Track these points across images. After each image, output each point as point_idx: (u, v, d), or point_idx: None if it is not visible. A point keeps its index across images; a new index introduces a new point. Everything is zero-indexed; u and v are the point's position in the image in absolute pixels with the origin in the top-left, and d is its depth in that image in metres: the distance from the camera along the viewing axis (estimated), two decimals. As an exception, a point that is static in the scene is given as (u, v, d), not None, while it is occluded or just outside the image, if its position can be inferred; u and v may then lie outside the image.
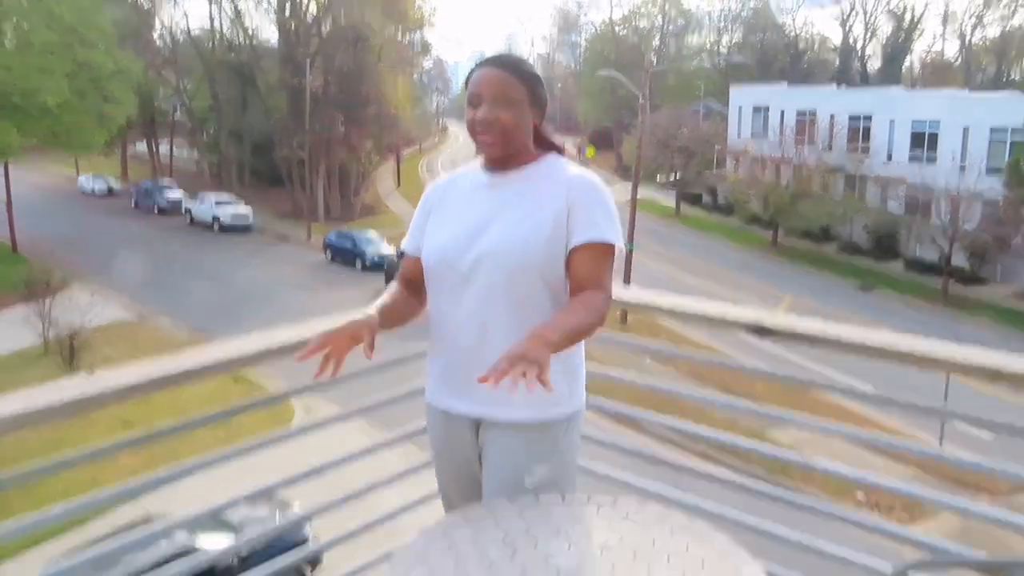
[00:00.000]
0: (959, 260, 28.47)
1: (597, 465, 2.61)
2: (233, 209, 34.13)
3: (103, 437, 1.84)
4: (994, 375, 1.81)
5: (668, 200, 41.60)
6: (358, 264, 27.45)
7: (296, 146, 36.48)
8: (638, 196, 25.09)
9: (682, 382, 17.06)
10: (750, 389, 15.81)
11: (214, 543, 9.10)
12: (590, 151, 50.49)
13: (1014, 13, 56.03)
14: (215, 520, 10.39)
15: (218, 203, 34.29)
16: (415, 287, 1.93)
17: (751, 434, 15.90)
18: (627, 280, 21.73)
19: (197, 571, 2.02)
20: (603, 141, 55.18)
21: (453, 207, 1.89)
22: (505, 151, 1.82)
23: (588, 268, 1.76)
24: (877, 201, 33.09)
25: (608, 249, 1.77)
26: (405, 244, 1.97)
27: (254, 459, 2.14)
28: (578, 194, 1.79)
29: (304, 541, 10.02)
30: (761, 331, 2.09)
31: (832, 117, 34.19)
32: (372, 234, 29.35)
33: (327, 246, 29.19)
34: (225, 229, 33.14)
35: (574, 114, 69.90)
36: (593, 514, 1.65)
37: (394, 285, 1.95)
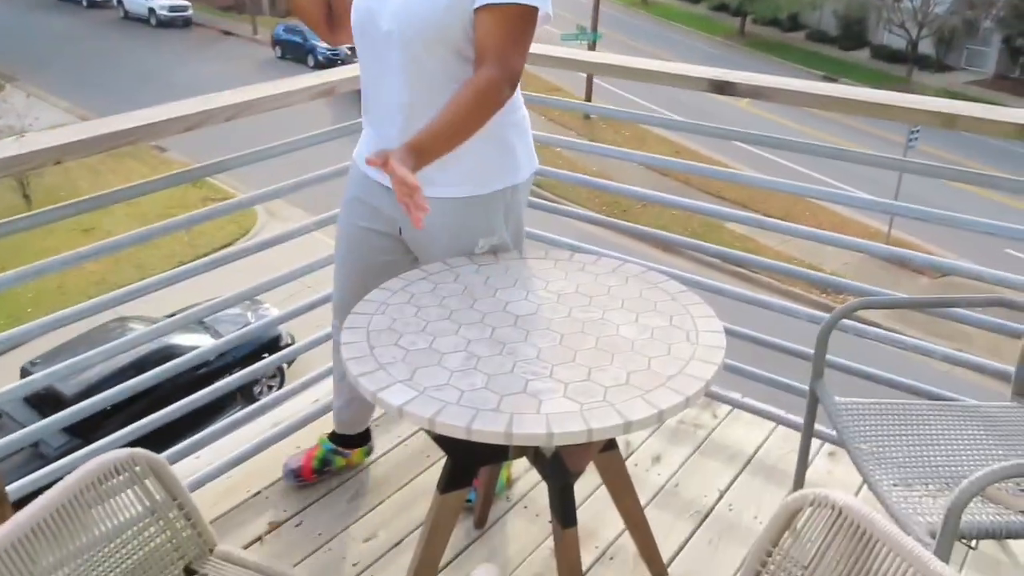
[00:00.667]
0: (926, 47, 28.01)
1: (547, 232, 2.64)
2: (171, 1, 31.77)
3: (64, 245, 1.79)
4: (948, 120, 1.81)
5: (633, -13, 39.56)
6: (310, 60, 26.13)
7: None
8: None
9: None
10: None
11: (191, 342, 9.38)
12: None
13: None
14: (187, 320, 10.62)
15: (153, -6, 31.84)
16: (337, 20, 1.78)
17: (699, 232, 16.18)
18: (590, 78, 21.10)
19: (177, 369, 2.06)
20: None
21: None
22: None
23: (486, 37, 1.49)
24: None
25: (515, 11, 1.48)
26: None
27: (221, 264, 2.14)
28: None
29: (277, 338, 10.34)
30: (723, 87, 2.04)
31: None
32: (322, 27, 27.71)
33: (276, 41, 27.56)
34: (162, 23, 30.98)
35: None
36: (550, 267, 1.68)
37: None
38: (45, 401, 7.88)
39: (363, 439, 2.19)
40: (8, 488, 1.67)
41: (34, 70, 24.16)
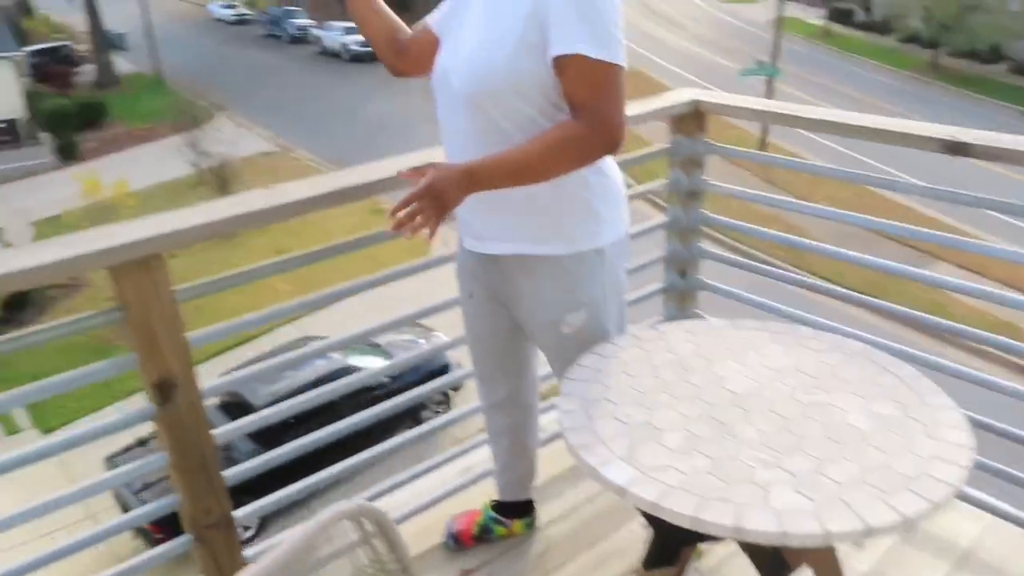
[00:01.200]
0: None
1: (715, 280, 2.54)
2: (362, 36, 33.95)
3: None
4: None
5: (813, 17, 38.15)
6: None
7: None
8: (785, 16, 23.11)
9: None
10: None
11: (367, 363, 9.88)
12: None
13: None
14: (366, 343, 11.19)
15: (347, 30, 34.15)
16: (402, 47, 1.72)
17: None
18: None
19: (352, 388, 2.12)
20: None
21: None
22: None
23: (574, 92, 1.40)
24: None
25: (598, 66, 1.37)
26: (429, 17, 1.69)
27: (395, 289, 2.18)
28: None
29: (447, 366, 10.67)
30: (956, 148, 1.89)
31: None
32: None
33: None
34: (355, 58, 33.19)
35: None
36: (766, 339, 1.61)
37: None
38: (237, 408, 8.52)
39: (525, 510, 2.14)
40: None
41: (241, 100, 26.57)
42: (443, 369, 10.50)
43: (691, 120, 2.47)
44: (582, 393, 1.43)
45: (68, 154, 22.88)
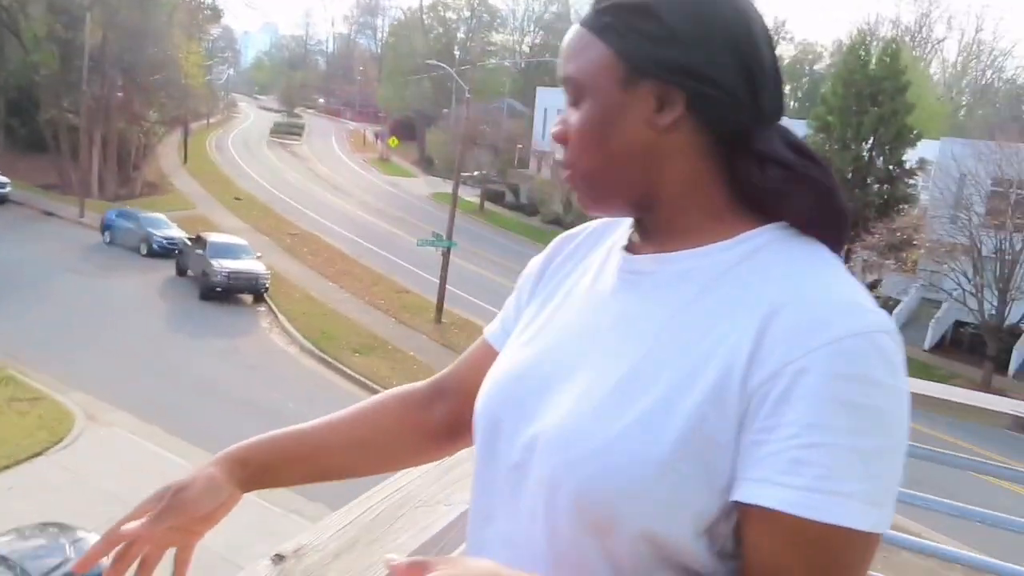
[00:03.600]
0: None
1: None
2: (-15, 176, 29.55)
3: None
4: None
5: (471, 196, 41.82)
6: (143, 248, 24.74)
7: (66, 108, 32.30)
8: (441, 191, 24.86)
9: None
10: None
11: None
12: (393, 141, 49.60)
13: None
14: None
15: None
16: (447, 408, 1.04)
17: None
18: (443, 280, 21.36)
19: None
20: (404, 132, 54.35)
21: (563, 304, 0.90)
22: (605, 206, 0.85)
23: (773, 559, 0.69)
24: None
25: (827, 533, 0.66)
26: (489, 325, 1.05)
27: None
28: (807, 361, 0.68)
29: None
30: None
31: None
32: (160, 215, 26.62)
33: (106, 226, 25.99)
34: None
35: (372, 101, 68.48)
36: None
37: (377, 399, 1.07)
38: None
39: None
40: None
41: None
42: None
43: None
44: None
45: None
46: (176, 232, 25.06)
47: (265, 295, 21.54)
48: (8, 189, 29.72)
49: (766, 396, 0.69)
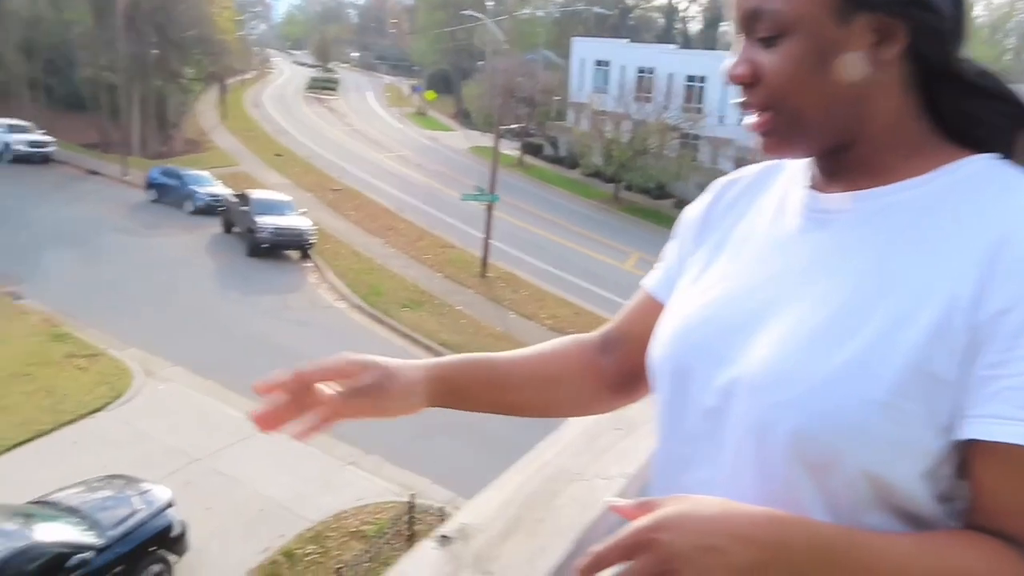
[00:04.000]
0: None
1: None
2: (29, 136, 29.76)
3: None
4: None
5: (509, 150, 41.36)
6: (188, 206, 24.85)
7: (104, 66, 32.32)
8: (480, 144, 24.51)
9: None
10: None
11: (61, 536, 7.66)
12: (430, 95, 49.06)
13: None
14: (56, 508, 8.82)
15: (11, 128, 29.73)
16: (616, 360, 1.03)
17: None
18: (487, 234, 21.18)
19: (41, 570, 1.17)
20: (440, 85, 53.76)
21: (740, 249, 0.89)
22: (802, 148, 0.81)
23: (1004, 500, 0.69)
24: (709, 160, 34.56)
25: None
26: (648, 276, 1.04)
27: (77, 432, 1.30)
28: None
29: (168, 528, 8.75)
30: None
31: (671, 76, 35.13)
32: (203, 173, 26.69)
33: (151, 184, 26.15)
34: (20, 159, 28.83)
35: (407, 54, 67.78)
36: None
37: (557, 341, 1.07)
38: None
39: None
40: None
41: None
42: (164, 532, 8.61)
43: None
44: None
45: None
46: (220, 189, 25.12)
47: (310, 251, 21.54)
48: (52, 148, 29.98)
49: (997, 331, 0.67)
